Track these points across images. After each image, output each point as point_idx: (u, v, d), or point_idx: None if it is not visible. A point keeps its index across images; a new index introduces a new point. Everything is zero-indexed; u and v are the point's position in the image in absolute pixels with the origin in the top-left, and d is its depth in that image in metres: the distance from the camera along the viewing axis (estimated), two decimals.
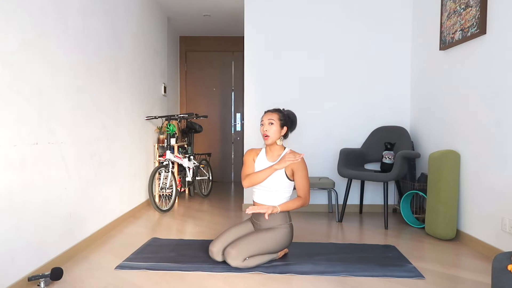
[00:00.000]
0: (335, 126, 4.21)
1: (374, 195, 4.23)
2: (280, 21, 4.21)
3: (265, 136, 2.59)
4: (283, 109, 2.69)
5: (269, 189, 2.57)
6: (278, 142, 2.63)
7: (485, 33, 2.78)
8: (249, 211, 2.47)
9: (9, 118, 1.99)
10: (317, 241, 3.07)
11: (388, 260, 2.60)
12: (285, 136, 2.67)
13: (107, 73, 3.23)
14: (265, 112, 2.66)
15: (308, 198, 2.57)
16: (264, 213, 2.52)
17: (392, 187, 4.21)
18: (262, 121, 2.62)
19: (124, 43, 3.63)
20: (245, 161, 2.71)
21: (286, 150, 2.64)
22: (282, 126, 2.60)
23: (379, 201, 4.21)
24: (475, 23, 2.84)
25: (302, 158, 2.57)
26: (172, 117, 4.48)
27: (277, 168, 2.51)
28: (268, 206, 2.50)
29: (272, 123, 2.58)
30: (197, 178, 4.94)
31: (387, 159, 3.62)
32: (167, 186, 4.23)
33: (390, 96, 4.17)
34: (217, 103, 6.62)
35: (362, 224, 3.64)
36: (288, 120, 2.64)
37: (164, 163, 4.19)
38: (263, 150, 2.73)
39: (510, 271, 1.50)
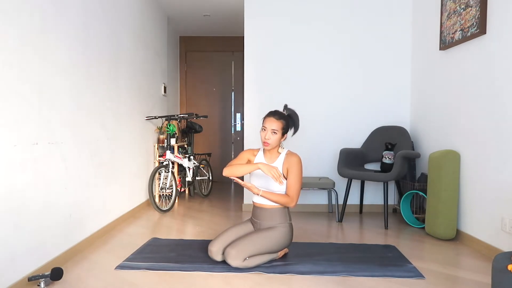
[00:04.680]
0: (335, 126, 4.21)
1: (374, 195, 4.22)
2: (280, 21, 4.20)
3: (265, 143, 2.53)
4: (286, 109, 2.61)
5: (268, 190, 2.56)
6: (280, 150, 2.61)
7: (485, 33, 2.78)
8: (229, 176, 2.49)
9: (9, 118, 1.99)
10: (317, 241, 3.07)
11: (388, 260, 2.60)
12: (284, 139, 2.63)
13: (107, 73, 3.23)
14: (269, 116, 2.54)
15: (295, 199, 2.51)
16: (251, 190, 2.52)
17: (392, 187, 4.21)
18: (264, 126, 2.53)
19: (124, 43, 3.63)
20: (239, 155, 2.66)
21: (285, 150, 2.63)
22: (283, 134, 2.56)
23: (379, 201, 4.21)
24: (475, 23, 2.84)
25: (299, 159, 2.55)
26: (172, 117, 4.48)
27: (262, 168, 2.39)
28: (252, 185, 2.51)
29: (275, 133, 2.51)
30: (197, 178, 4.94)
31: (387, 159, 3.61)
32: (167, 186, 4.23)
33: (390, 96, 4.17)
34: (217, 103, 6.62)
35: (362, 224, 3.64)
36: (291, 125, 2.58)
37: (164, 163, 4.19)
38: (261, 150, 2.70)
39: (510, 271, 1.50)
